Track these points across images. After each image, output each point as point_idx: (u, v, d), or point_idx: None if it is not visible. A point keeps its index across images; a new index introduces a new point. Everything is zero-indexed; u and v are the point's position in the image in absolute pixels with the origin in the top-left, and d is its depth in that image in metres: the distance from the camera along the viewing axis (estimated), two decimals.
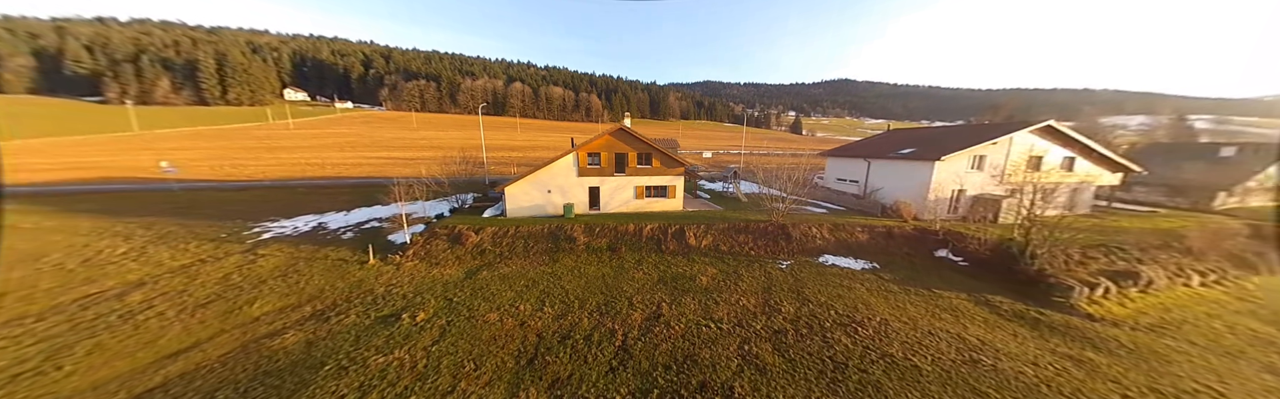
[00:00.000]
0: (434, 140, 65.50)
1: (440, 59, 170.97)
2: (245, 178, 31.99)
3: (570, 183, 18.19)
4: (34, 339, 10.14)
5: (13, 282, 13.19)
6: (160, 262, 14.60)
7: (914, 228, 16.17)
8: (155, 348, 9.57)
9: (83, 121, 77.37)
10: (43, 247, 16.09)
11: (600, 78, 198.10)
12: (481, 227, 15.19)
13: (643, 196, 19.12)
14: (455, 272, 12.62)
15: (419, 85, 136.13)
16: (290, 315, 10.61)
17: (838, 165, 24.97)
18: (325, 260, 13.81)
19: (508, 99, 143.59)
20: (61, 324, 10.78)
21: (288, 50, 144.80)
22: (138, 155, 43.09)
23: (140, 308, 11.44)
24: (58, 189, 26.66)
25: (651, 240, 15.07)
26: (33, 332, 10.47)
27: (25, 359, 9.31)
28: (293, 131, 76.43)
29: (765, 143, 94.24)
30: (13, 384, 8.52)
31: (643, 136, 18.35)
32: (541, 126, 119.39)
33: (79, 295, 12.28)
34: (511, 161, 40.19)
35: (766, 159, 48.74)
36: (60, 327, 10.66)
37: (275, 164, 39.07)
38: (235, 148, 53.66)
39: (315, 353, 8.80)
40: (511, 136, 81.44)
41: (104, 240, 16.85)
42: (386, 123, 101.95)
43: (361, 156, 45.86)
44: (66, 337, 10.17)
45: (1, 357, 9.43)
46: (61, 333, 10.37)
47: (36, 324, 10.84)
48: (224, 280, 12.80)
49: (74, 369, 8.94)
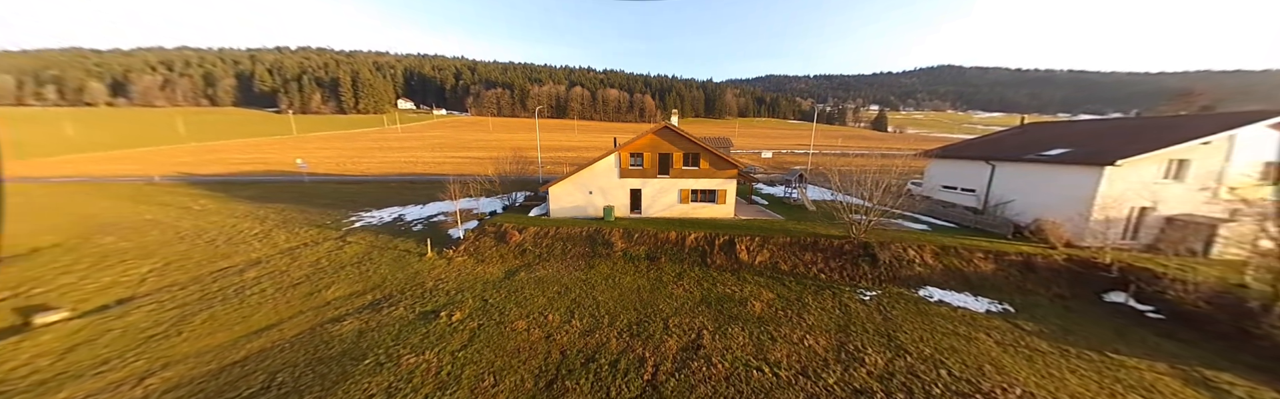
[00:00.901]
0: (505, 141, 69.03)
1: (513, 69, 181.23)
2: (358, 173, 35.81)
3: (611, 184, 16.66)
4: (174, 305, 11.46)
5: (177, 253, 15.34)
6: (277, 243, 16.18)
7: (1068, 258, 11.47)
8: (248, 323, 10.22)
9: (262, 127, 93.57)
10: (205, 225, 18.74)
11: (655, 78, 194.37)
12: (525, 226, 14.55)
13: (688, 201, 16.89)
14: (497, 270, 12.24)
15: (496, 93, 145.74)
16: (354, 302, 10.85)
17: (945, 169, 18.86)
18: (394, 250, 14.30)
19: (568, 102, 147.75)
20: (195, 293, 12.11)
21: (401, 67, 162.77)
22: (291, 153, 50.55)
23: (251, 284, 12.53)
24: (235, 179, 31.76)
25: (695, 251, 13.03)
26: (175, 298, 11.88)
27: (161, 322, 10.46)
28: (399, 135, 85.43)
29: (839, 142, 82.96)
30: (145, 344, 9.52)
31: (689, 135, 16.22)
32: (597, 128, 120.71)
33: (214, 269, 13.84)
34: (566, 161, 40.44)
35: (844, 160, 40.97)
36: (193, 295, 11.97)
37: (381, 162, 43.42)
38: (356, 148, 60.90)
39: (362, 343, 8.71)
40: (569, 137, 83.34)
41: (247, 222, 19.25)
42: (469, 126, 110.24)
43: (446, 156, 49.48)
44: (194, 305, 11.34)
45: (147, 319, 10.72)
46: (192, 301, 11.61)
47: (180, 291, 12.32)
48: (315, 264, 13.69)
49: (189, 336, 9.80)
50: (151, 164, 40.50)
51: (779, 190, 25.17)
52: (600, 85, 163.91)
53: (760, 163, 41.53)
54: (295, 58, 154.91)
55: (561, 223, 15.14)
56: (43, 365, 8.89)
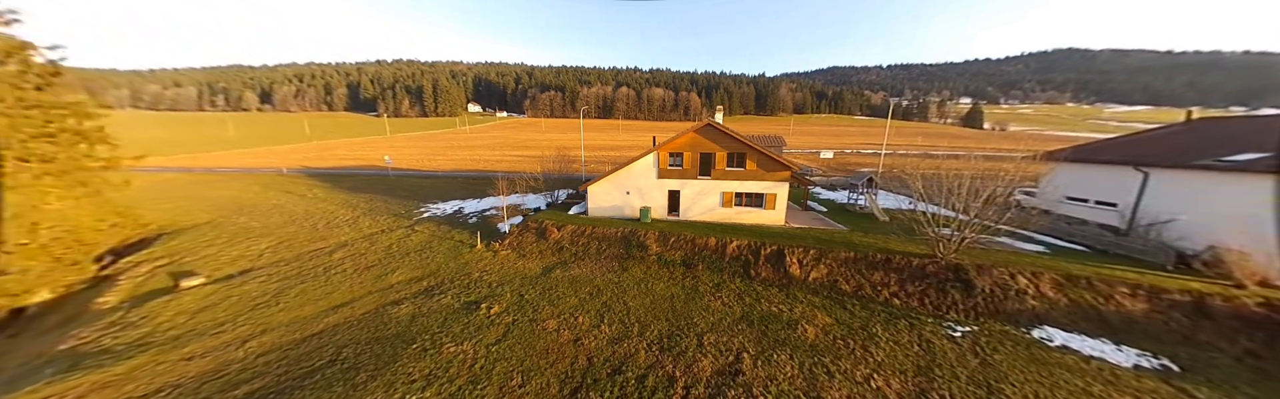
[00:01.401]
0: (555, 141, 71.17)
1: (565, 72, 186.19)
2: (431, 169, 39.02)
3: (649, 185, 15.52)
4: (278, 278, 13.01)
5: (288, 233, 17.52)
6: (361, 229, 17.86)
7: (1265, 302, 8.29)
8: (329, 299, 11.21)
9: (364, 128, 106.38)
10: (312, 211, 21.30)
11: (701, 75, 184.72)
12: (564, 224, 14.24)
13: (731, 205, 15.16)
14: (535, 266, 12.24)
15: (549, 95, 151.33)
16: (412, 287, 11.46)
17: (1074, 176, 14.58)
18: (450, 241, 15.06)
19: (614, 103, 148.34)
20: (295, 269, 13.66)
21: (471, 75, 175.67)
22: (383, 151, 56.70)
23: (336, 264, 13.86)
24: (340, 172, 36.15)
25: (737, 261, 11.55)
26: (280, 272, 13.49)
27: (266, 293, 11.89)
28: (467, 135, 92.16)
29: (919, 141, 70.66)
30: (252, 311, 10.83)
31: (735, 133, 14.50)
32: (641, 127, 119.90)
33: (312, 249, 15.56)
34: (608, 161, 40.33)
35: (928, 162, 31.63)
36: (293, 271, 13.51)
37: (451, 159, 46.95)
38: (432, 146, 66.62)
39: (413, 328, 9.08)
40: (613, 137, 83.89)
41: (342, 209, 21.59)
42: (525, 127, 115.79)
43: (503, 154, 52.27)
44: (291, 280, 12.77)
45: (257, 289, 12.25)
46: (291, 276, 13.10)
47: (284, 267, 13.99)
48: (387, 249, 14.83)
49: (284, 307, 10.99)
50: (283, 158, 47.61)
51: (841, 196, 21.89)
52: (646, 85, 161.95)
53: (818, 164, 35.95)
54: (391, 69, 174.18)
55: (598, 222, 14.65)
56: (180, 322, 10.48)
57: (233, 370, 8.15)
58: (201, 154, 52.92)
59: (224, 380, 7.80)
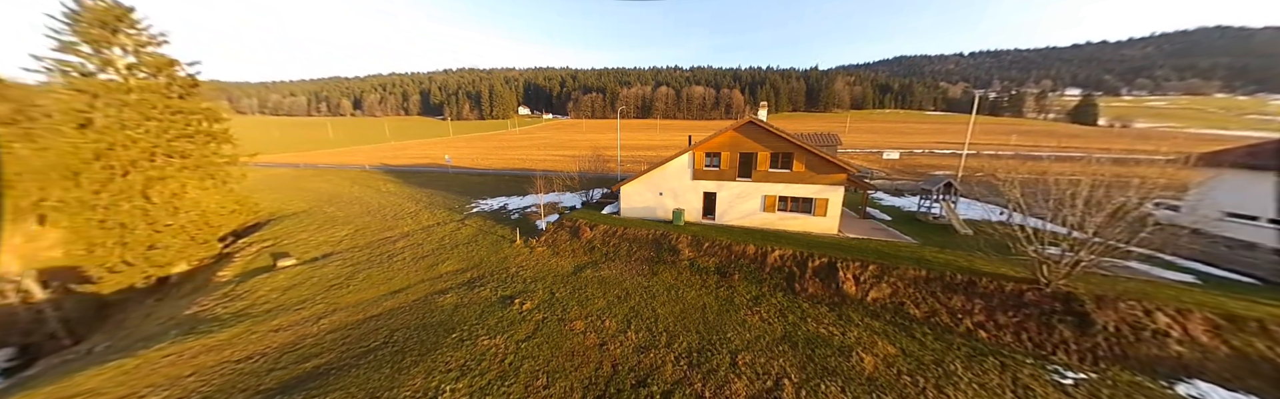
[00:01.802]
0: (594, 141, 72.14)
1: (606, 74, 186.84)
2: (484, 167, 41.29)
3: (683, 186, 14.46)
4: (351, 263, 14.22)
5: (364, 223, 19.20)
6: (421, 221, 19.11)
7: None
8: (389, 285, 11.96)
9: (432, 130, 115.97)
10: (385, 203, 23.27)
11: (745, 71, 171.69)
12: (596, 223, 13.79)
13: (774, 209, 13.54)
14: (567, 264, 12.09)
15: (591, 97, 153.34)
16: (458, 278, 11.87)
17: (1241, 186, 11.46)
18: (494, 235, 15.53)
19: (653, 102, 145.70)
20: (365, 255, 14.85)
21: (522, 80, 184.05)
22: (445, 151, 61.24)
23: (398, 252, 14.85)
24: (410, 169, 39.54)
25: (779, 272, 10.22)
26: (353, 258, 14.75)
27: (340, 276, 12.99)
28: (516, 136, 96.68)
29: (1013, 139, 56.91)
30: (327, 291, 11.85)
31: (780, 131, 12.85)
32: (679, 126, 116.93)
33: (380, 237, 16.88)
34: (644, 160, 39.71)
35: (1029, 165, 15.93)
36: (363, 257, 14.69)
37: (501, 158, 49.41)
38: (486, 147, 70.69)
39: (455, 317, 9.30)
40: (650, 137, 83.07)
41: (409, 203, 23.35)
42: (568, 128, 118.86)
43: (547, 154, 53.95)
44: (361, 265, 13.87)
45: (334, 272, 13.44)
46: (361, 261, 14.24)
47: (357, 252, 15.27)
48: (440, 241, 15.65)
49: (353, 289, 11.90)
50: (367, 156, 53.17)
51: (909, 203, 18.94)
52: (686, 83, 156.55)
53: (881, 165, 31.79)
54: (455, 77, 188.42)
55: (629, 223, 13.96)
56: (272, 298, 11.76)
57: (306, 344, 8.86)
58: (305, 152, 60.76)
59: (298, 353, 8.48)
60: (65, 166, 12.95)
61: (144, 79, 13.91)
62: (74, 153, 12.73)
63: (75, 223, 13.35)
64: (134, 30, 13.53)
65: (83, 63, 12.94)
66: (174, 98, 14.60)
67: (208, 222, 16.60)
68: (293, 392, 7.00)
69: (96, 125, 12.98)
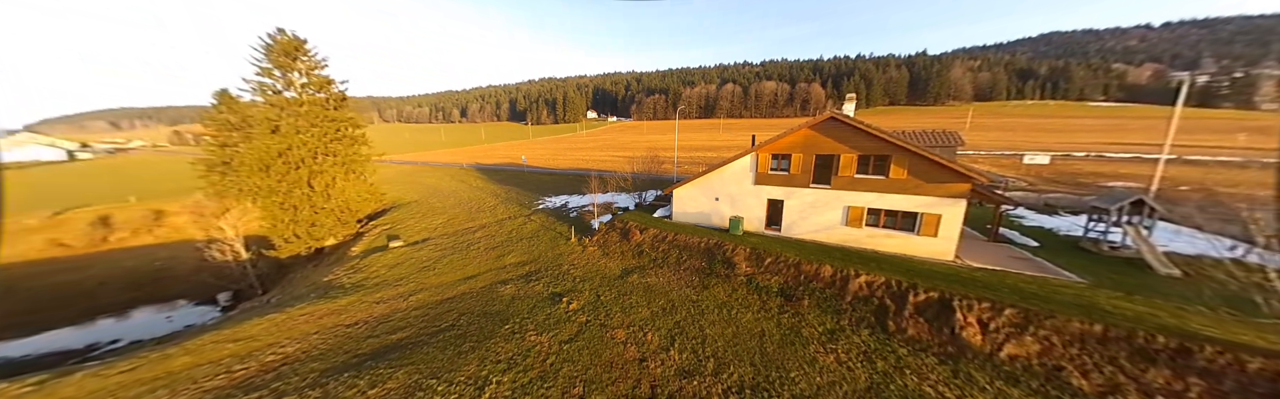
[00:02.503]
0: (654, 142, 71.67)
1: (670, 75, 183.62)
2: (553, 167, 44.00)
3: (742, 191, 12.57)
4: (439, 249, 15.91)
5: (454, 214, 21.57)
6: (497, 215, 20.74)
7: None
8: (463, 271, 12.96)
9: (515, 133, 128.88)
10: (473, 197, 26.01)
11: (828, 62, 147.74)
12: (647, 226, 12.96)
13: (861, 224, 10.81)
14: (615, 267, 11.62)
15: (653, 99, 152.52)
16: (518, 270, 12.30)
17: None
18: (552, 231, 15.96)
19: (717, 101, 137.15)
20: (450, 242, 16.52)
21: (592, 86, 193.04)
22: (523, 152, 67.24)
23: (475, 242, 16.18)
24: (495, 168, 44.16)
25: (864, 303, 8.01)
26: (441, 244, 16.51)
27: (430, 259, 14.56)
28: (584, 138, 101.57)
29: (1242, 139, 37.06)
30: (419, 272, 13.31)
31: (873, 128, 10.14)
32: (744, 125, 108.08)
33: (464, 227, 18.69)
34: (703, 162, 37.59)
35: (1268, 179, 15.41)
36: (448, 243, 16.34)
37: (568, 159, 52.16)
38: (557, 148, 75.60)
39: (510, 309, 9.50)
40: (713, 137, 79.38)
41: (490, 198, 25.75)
42: (629, 130, 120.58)
43: (608, 155, 55.26)
44: (447, 251, 15.39)
45: (426, 255, 15.14)
46: (447, 247, 15.84)
47: (445, 240, 17.09)
48: (509, 233, 16.65)
49: (437, 272, 13.19)
50: (466, 156, 61.05)
51: (1068, 224, 13.98)
52: (755, 79, 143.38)
53: (1021, 172, 24.15)
54: (536, 86, 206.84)
55: (681, 229, 12.73)
56: (381, 273, 13.64)
57: (396, 318, 9.90)
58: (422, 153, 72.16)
59: (389, 325, 9.49)
60: (260, 161, 16.96)
61: (311, 95, 17.53)
62: (266, 151, 16.61)
63: (265, 204, 17.41)
64: (306, 57, 17.18)
65: (273, 83, 16.83)
66: (330, 109, 18.13)
67: (349, 207, 20.30)
68: (378, 359, 7.72)
69: (281, 131, 16.72)
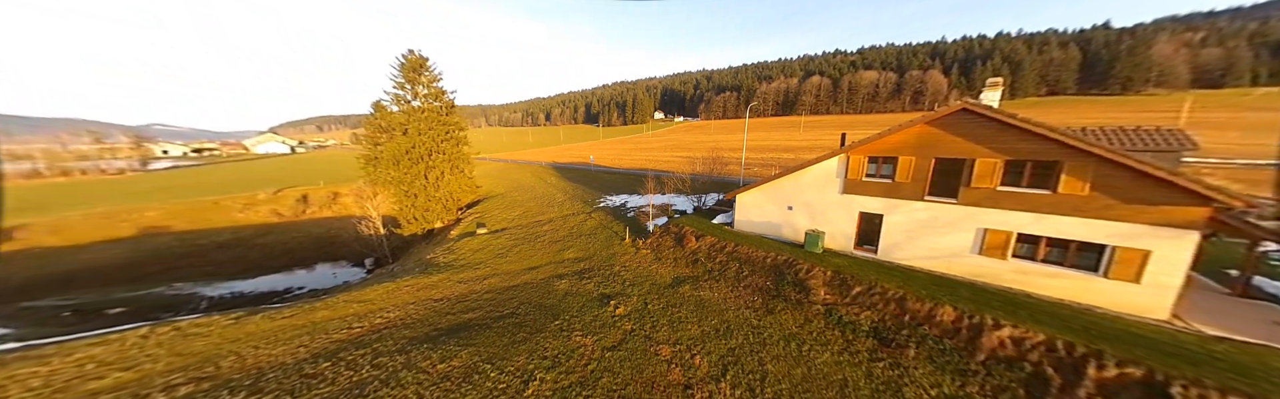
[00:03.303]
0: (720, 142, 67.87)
1: (744, 71, 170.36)
2: (617, 166, 45.09)
3: (826, 201, 10.13)
4: (514, 238, 17.31)
5: (529, 207, 23.45)
6: (563, 210, 21.84)
7: None
8: (529, 261, 13.75)
9: (587, 135, 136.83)
10: (546, 193, 28.03)
11: (954, 44, 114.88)
12: (703, 233, 11.74)
13: (1004, 255, 7.71)
14: (667, 273, 10.82)
15: (723, 97, 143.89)
16: (574, 266, 12.49)
17: None
18: (609, 230, 15.95)
19: (799, 96, 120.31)
20: (523, 233, 17.85)
21: (660, 87, 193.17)
22: (592, 152, 70.76)
23: (542, 234, 17.18)
24: (567, 166, 47.35)
25: (1009, 367, 5.67)
26: (515, 234, 17.95)
27: (504, 247, 15.90)
28: (649, 139, 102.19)
29: None
30: (494, 258, 14.58)
31: (1033, 123, 7.05)
32: (833, 123, 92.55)
33: (535, 220, 20.09)
34: (778, 164, 33.71)
35: None
36: (522, 234, 17.67)
37: (632, 159, 52.89)
38: (623, 149, 77.49)
39: (562, 304, 9.56)
40: (790, 136, 71.55)
41: (560, 194, 27.40)
42: (696, 130, 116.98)
43: (671, 155, 54.30)
44: (519, 240, 16.64)
45: (501, 243, 16.58)
46: (520, 237, 17.13)
47: (518, 230, 18.56)
48: (571, 229, 17.25)
49: (508, 260, 14.27)
50: (546, 156, 67.05)
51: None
52: (850, 69, 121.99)
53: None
54: (609, 90, 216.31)
55: (743, 239, 11.01)
56: (467, 256, 15.36)
57: (471, 298, 10.88)
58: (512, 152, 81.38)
59: (465, 304, 10.45)
60: (393, 157, 20.76)
61: (429, 103, 20.80)
62: (397, 149, 20.25)
63: (395, 191, 21.31)
64: (427, 72, 20.42)
65: (404, 95, 20.41)
66: (442, 115, 21.25)
67: (453, 196, 23.67)
68: (450, 335, 8.45)
69: (409, 133, 20.18)
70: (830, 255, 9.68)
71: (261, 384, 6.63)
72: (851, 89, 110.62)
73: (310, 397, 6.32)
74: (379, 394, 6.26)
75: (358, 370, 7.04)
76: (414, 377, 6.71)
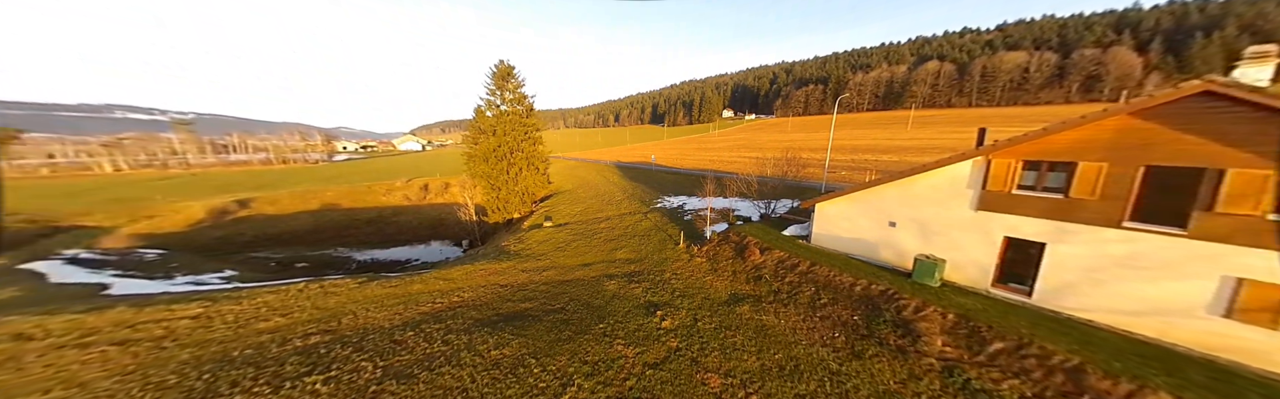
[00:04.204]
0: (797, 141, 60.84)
1: (834, 60, 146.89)
2: (678, 166, 43.99)
3: (950, 218, 7.56)
4: (574, 233, 17.99)
5: (590, 204, 24.33)
6: (621, 209, 21.97)
7: None
8: (583, 258, 13.99)
9: (651, 135, 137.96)
10: (607, 190, 28.82)
11: (1156, 11, 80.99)
12: (770, 246, 10.06)
13: (1277, 320, 4.40)
14: (723, 288, 9.58)
15: (805, 91, 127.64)
16: (625, 267, 12.18)
17: None
18: (663, 233, 15.26)
19: (908, 86, 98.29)
20: (582, 229, 18.44)
21: (732, 83, 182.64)
22: (654, 151, 70.73)
23: (599, 232, 17.45)
24: (630, 165, 48.24)
25: None
26: (575, 229, 18.65)
27: (565, 241, 16.58)
28: (715, 138, 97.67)
29: None
30: (554, 251, 15.28)
31: None
32: (956, 118, 74.31)
33: (593, 217, 20.62)
34: (873, 167, 27.30)
35: None
36: (581, 230, 18.26)
37: (695, 159, 51.03)
38: (686, 149, 75.59)
39: (608, 306, 9.28)
40: (893, 134, 59.95)
41: (619, 192, 27.85)
42: (769, 128, 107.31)
43: (738, 155, 50.62)
44: (577, 236, 17.20)
45: (562, 237, 17.34)
46: (579, 233, 17.72)
47: (578, 226, 19.26)
48: (626, 229, 17.12)
49: (567, 254, 14.78)
50: (611, 155, 69.70)
51: None
52: (984, 50, 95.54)
53: None
54: (677, 90, 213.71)
55: (822, 258, 8.99)
56: (532, 247, 16.46)
57: (529, 288, 11.47)
58: (583, 152, 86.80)
59: (522, 293, 11.05)
60: (483, 155, 23.58)
61: (514, 107, 23.00)
62: (488, 148, 22.94)
63: (483, 184, 24.27)
64: (513, 79, 22.56)
65: (494, 100, 22.92)
66: (523, 117, 23.30)
67: (529, 190, 25.97)
68: (507, 322, 8.90)
69: (497, 133, 22.66)
70: (952, 292, 7.13)
71: (363, 344, 7.85)
72: (986, 75, 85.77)
73: (393, 361, 7.20)
74: (441, 370, 6.78)
75: (432, 344, 7.83)
76: (471, 359, 7.12)
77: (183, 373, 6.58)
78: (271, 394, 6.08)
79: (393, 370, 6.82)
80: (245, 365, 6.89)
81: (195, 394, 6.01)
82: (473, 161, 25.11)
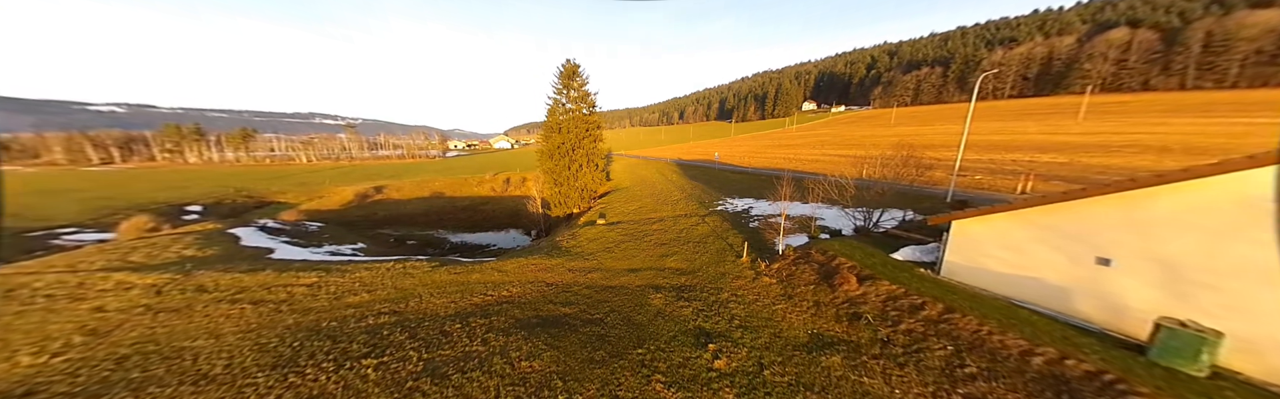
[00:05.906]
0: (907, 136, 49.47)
1: (960, 36, 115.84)
2: (745, 165, 39.84)
3: (1234, 260, 4.02)
4: (624, 233, 17.19)
5: (644, 203, 23.34)
6: (677, 210, 20.41)
7: None
8: (630, 262, 12.97)
9: (718, 131, 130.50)
10: (664, 189, 27.52)
11: None
12: (873, 274, 7.31)
13: None
14: (800, 325, 7.13)
15: (916, 76, 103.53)
16: (674, 278, 10.72)
17: None
18: (722, 241, 13.20)
19: (1075, 64, 72.19)
20: (633, 229, 17.53)
21: (815, 72, 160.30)
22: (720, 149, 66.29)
23: (650, 234, 16.28)
24: (691, 164, 45.96)
25: None
26: (625, 229, 17.83)
27: (615, 241, 15.86)
28: (794, 134, 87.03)
29: None
30: (603, 251, 14.65)
31: None
32: (1164, 103, 52.33)
33: (645, 217, 19.55)
34: (1030, 170, 19.23)
35: None
36: (632, 230, 17.37)
37: (767, 157, 45.71)
38: (757, 145, 68.92)
39: (650, 326, 7.99)
40: (1056, 128, 44.24)
41: (677, 192, 26.25)
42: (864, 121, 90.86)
43: (822, 153, 43.48)
44: (628, 236, 16.33)
45: (614, 236, 16.67)
46: (630, 233, 16.84)
47: (630, 226, 18.39)
48: (679, 233, 15.55)
49: (613, 256, 13.99)
50: (673, 153, 68.05)
51: None
52: (1208, 9, 65.49)
53: None
54: (747, 83, 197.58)
55: (964, 300, 6.13)
56: (583, 244, 16.19)
57: (572, 291, 10.94)
58: (644, 149, 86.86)
59: (565, 296, 10.55)
60: (549, 152, 24.50)
61: (578, 105, 23.16)
62: (552, 145, 23.72)
63: (547, 179, 25.34)
64: (578, 79, 22.60)
65: (560, 98, 23.39)
66: (586, 115, 23.34)
67: (588, 187, 26.36)
68: (545, 328, 8.38)
69: (561, 131, 23.22)
70: (1234, 390, 3.89)
71: (418, 330, 8.16)
72: (1212, 45, 57.73)
73: (436, 353, 7.20)
74: (473, 374, 6.45)
75: (473, 341, 7.70)
76: (502, 367, 6.67)
77: (282, 338, 7.66)
78: (333, 372, 6.49)
79: (432, 365, 6.75)
80: (325, 338, 7.70)
81: (282, 360, 6.81)
82: (541, 158, 26.44)
